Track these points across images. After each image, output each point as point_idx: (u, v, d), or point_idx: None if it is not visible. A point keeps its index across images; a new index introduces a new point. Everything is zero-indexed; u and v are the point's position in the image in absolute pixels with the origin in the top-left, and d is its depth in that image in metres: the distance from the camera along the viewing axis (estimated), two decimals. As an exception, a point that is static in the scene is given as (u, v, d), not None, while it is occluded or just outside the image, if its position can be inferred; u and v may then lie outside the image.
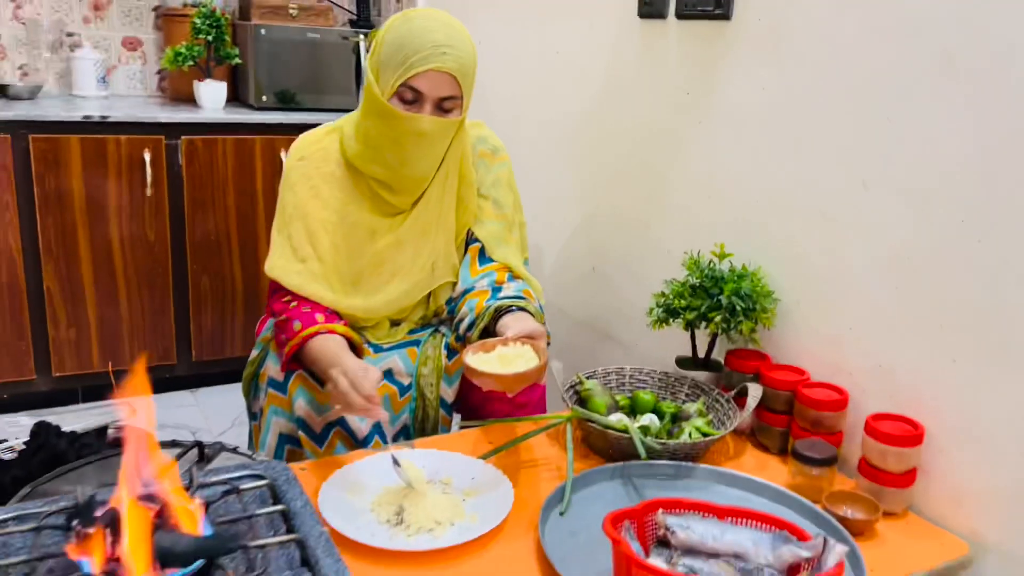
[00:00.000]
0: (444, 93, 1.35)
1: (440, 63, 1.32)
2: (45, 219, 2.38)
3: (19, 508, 0.90)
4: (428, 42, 1.32)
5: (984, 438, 1.19)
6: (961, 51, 1.16)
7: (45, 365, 2.49)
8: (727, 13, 1.52)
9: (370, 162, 1.43)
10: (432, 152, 1.41)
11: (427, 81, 1.33)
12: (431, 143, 1.39)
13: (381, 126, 1.38)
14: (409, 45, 1.32)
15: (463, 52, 1.35)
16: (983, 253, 1.16)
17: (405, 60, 1.32)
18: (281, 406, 1.42)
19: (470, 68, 1.37)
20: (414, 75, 1.33)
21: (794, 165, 1.44)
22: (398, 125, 1.36)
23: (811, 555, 0.97)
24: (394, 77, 1.34)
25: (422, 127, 1.36)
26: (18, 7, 2.74)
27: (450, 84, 1.35)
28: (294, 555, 0.86)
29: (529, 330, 1.31)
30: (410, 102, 1.36)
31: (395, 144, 1.38)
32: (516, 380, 1.22)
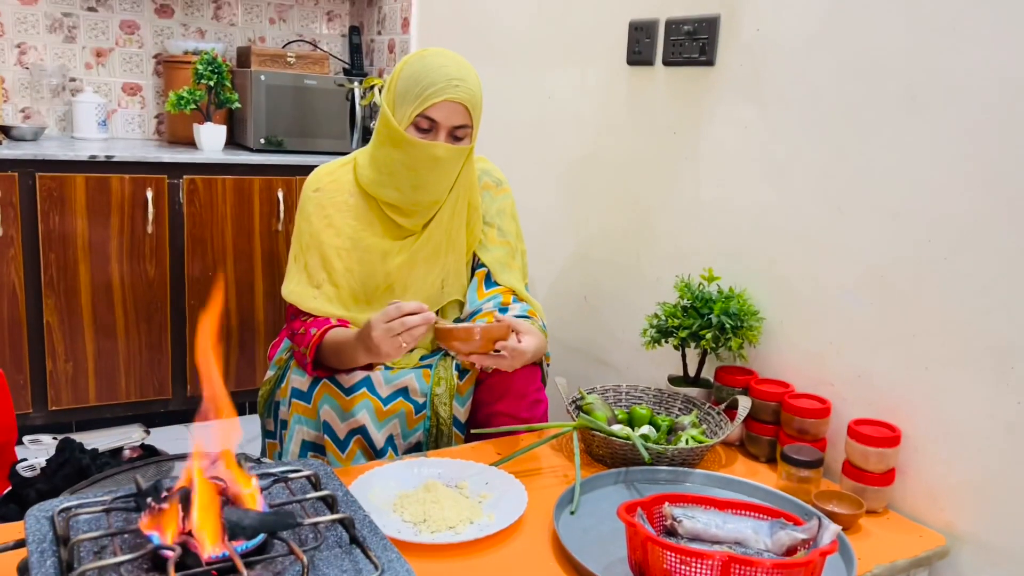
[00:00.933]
0: (457, 122, 1.48)
1: (454, 94, 1.45)
2: (48, 255, 2.45)
3: (81, 497, 0.97)
4: (443, 76, 1.45)
5: (956, 438, 1.30)
6: (922, 88, 1.31)
7: (42, 399, 2.52)
8: (711, 60, 1.66)
9: (383, 187, 1.54)
10: (445, 176, 1.53)
11: (442, 111, 1.46)
12: (444, 168, 1.50)
13: (397, 154, 1.50)
14: (425, 78, 1.45)
15: (473, 85, 1.49)
16: (948, 269, 1.29)
17: (422, 92, 1.45)
18: (305, 414, 1.49)
19: (479, 100, 1.51)
20: (430, 105, 1.45)
21: (775, 194, 1.57)
22: (415, 152, 1.48)
23: (807, 536, 1.07)
24: (411, 108, 1.47)
25: (437, 153, 1.48)
26: (23, 53, 2.83)
27: (462, 114, 1.48)
28: (342, 534, 0.93)
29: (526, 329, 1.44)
30: (425, 131, 1.48)
31: (410, 170, 1.50)
32: (483, 333, 1.37)
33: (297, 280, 1.57)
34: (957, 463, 1.30)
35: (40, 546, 0.86)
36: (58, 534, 0.88)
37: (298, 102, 2.85)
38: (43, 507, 0.94)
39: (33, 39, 2.84)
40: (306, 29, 3.30)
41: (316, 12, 3.30)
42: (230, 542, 0.84)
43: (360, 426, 1.47)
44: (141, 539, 0.87)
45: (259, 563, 0.86)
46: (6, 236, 2.38)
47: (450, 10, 2.67)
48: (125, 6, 2.97)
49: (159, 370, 2.68)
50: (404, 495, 1.27)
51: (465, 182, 1.59)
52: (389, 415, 1.51)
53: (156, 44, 3.03)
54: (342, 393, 1.48)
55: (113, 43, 2.97)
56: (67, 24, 2.89)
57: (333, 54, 3.30)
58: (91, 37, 2.93)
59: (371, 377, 1.51)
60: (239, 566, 0.80)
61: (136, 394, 2.66)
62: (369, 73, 3.23)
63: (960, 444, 1.30)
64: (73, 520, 0.92)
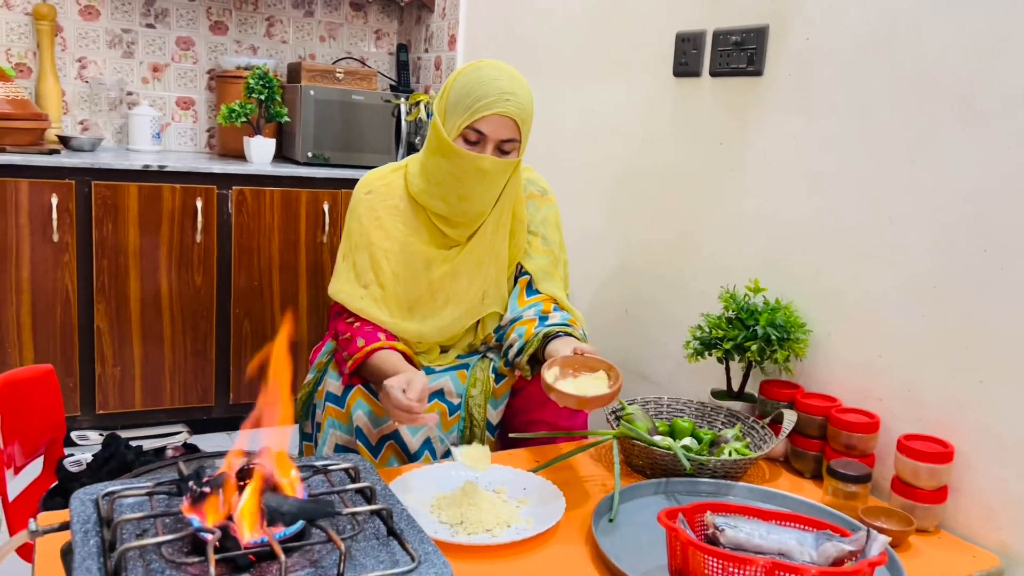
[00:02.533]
0: (505, 136, 1.48)
1: (504, 108, 1.45)
2: (100, 261, 2.51)
3: (125, 482, 0.98)
4: (495, 89, 1.45)
5: (1011, 454, 1.26)
6: (976, 95, 1.29)
7: (90, 402, 2.58)
8: (759, 70, 1.65)
9: (431, 198, 1.55)
10: (490, 189, 1.53)
11: (491, 124, 1.46)
12: (490, 181, 1.51)
13: (445, 164, 1.50)
14: (478, 91, 1.46)
15: (525, 100, 1.48)
16: (1005, 279, 1.25)
17: (473, 104, 1.45)
18: (339, 418, 1.50)
19: (529, 115, 1.50)
20: (480, 118, 1.45)
21: (822, 204, 1.55)
22: (461, 163, 1.48)
23: (854, 548, 1.03)
24: (461, 119, 1.47)
25: (484, 166, 1.48)
26: (83, 67, 2.93)
27: (511, 128, 1.48)
28: (379, 526, 0.93)
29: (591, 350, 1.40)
30: (473, 143, 1.48)
31: (457, 181, 1.50)
32: (595, 402, 1.29)
33: (345, 279, 1.58)
34: (1013, 481, 1.25)
35: (84, 526, 0.87)
36: (102, 516, 0.90)
37: (345, 117, 2.90)
38: (88, 491, 0.96)
39: (93, 54, 2.94)
40: (355, 47, 3.36)
41: (365, 30, 3.36)
42: (269, 528, 0.84)
43: (394, 431, 1.47)
44: (182, 522, 0.87)
45: (297, 550, 0.86)
46: (61, 242, 2.45)
47: (496, 27, 2.70)
48: (182, 23, 3.05)
49: (203, 377, 2.72)
50: (441, 497, 1.26)
51: (511, 194, 1.59)
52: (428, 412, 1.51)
53: (210, 60, 3.12)
54: (375, 399, 1.48)
55: (169, 59, 3.06)
56: (126, 40, 2.98)
57: (381, 71, 3.35)
58: (148, 53, 3.02)
59: None
60: (277, 551, 0.80)
61: (180, 400, 2.70)
62: (415, 90, 3.27)
63: (1016, 461, 1.25)
64: (117, 503, 0.93)
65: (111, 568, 0.79)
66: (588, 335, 1.63)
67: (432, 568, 0.85)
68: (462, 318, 1.60)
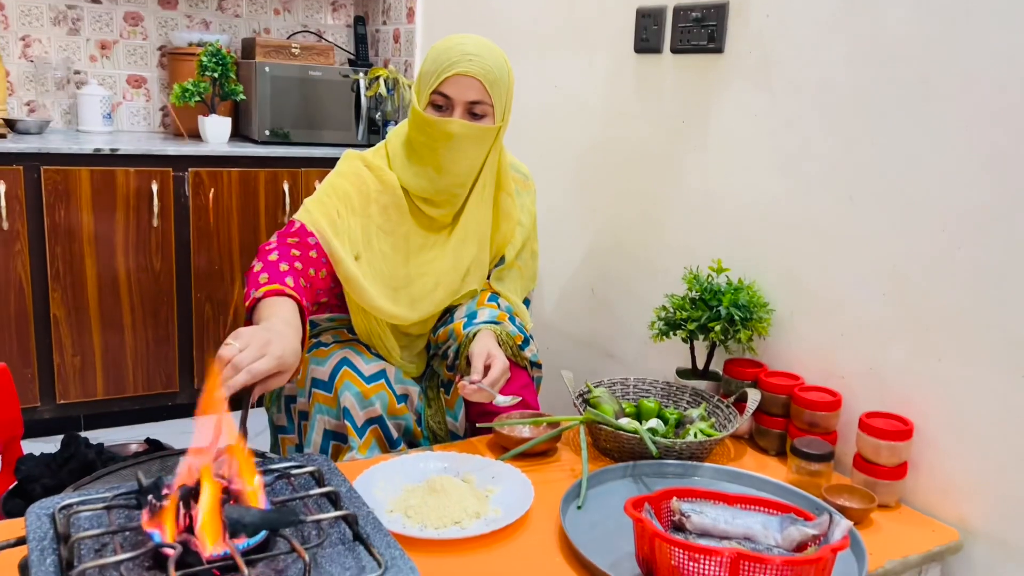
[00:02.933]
0: (472, 97, 1.46)
1: (466, 68, 1.43)
2: (54, 248, 2.44)
3: (83, 493, 0.96)
4: (458, 51, 1.45)
5: (969, 431, 1.28)
6: (935, 73, 1.29)
7: (49, 392, 2.53)
8: (720, 47, 1.64)
9: (414, 177, 1.53)
10: (465, 157, 1.50)
11: (454, 85, 1.44)
12: (461, 146, 1.48)
13: (420, 135, 1.49)
14: (442, 56, 1.45)
15: (490, 61, 1.46)
16: (963, 260, 1.27)
17: (437, 69, 1.45)
18: (326, 403, 1.49)
19: (499, 76, 1.47)
20: (443, 80, 1.44)
21: (785, 184, 1.55)
22: (431, 130, 1.47)
23: (817, 532, 1.05)
24: (428, 87, 1.46)
25: (452, 129, 1.46)
26: (27, 46, 2.82)
27: (477, 89, 1.45)
28: (346, 531, 0.92)
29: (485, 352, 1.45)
30: (441, 108, 1.47)
31: (431, 151, 1.49)
32: None
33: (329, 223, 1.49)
34: (971, 457, 1.28)
35: (40, 544, 0.85)
36: (59, 532, 0.87)
37: (303, 94, 2.84)
38: (44, 504, 0.94)
39: (37, 31, 2.83)
40: (311, 20, 3.28)
41: (321, 2, 3.28)
42: (231, 540, 0.83)
43: (378, 416, 1.47)
44: (142, 537, 0.86)
45: (261, 561, 0.85)
46: (12, 230, 2.38)
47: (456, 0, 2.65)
48: (129, -2, 2.95)
49: (166, 364, 2.68)
50: (410, 489, 1.26)
51: (492, 167, 1.58)
52: (400, 413, 1.51)
53: (160, 36, 3.02)
54: (363, 381, 1.48)
55: (117, 35, 2.96)
56: (71, 16, 2.87)
57: (338, 45, 3.27)
58: (95, 29, 2.92)
59: (386, 371, 1.51)
60: (240, 564, 0.79)
61: (144, 387, 2.66)
62: (374, 64, 3.21)
63: (974, 437, 1.28)
64: (74, 517, 0.91)
65: (69, 588, 0.77)
66: (555, 317, 1.64)
67: (399, 573, 0.84)
68: (443, 298, 1.59)
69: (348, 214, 1.52)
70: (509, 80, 1.51)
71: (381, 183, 1.54)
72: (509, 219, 1.65)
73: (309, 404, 1.52)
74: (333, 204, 1.51)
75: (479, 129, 1.48)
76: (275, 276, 1.35)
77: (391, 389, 1.51)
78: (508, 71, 1.51)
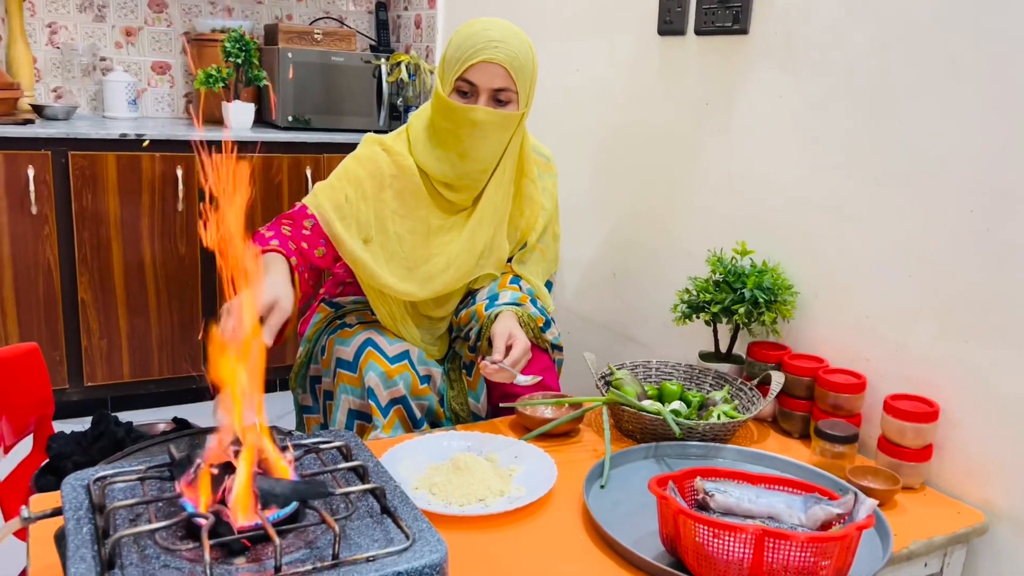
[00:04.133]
0: (497, 84, 1.46)
1: (491, 55, 1.43)
2: (81, 233, 2.48)
3: (117, 466, 0.98)
4: (483, 38, 1.44)
5: (996, 413, 1.27)
6: (964, 54, 1.27)
7: (77, 375, 2.57)
8: (744, 28, 1.63)
9: (436, 161, 1.53)
10: (488, 143, 1.51)
11: (480, 73, 1.44)
12: (485, 133, 1.49)
13: (443, 120, 1.50)
14: (467, 42, 1.45)
15: (515, 47, 1.46)
16: (990, 240, 1.26)
17: (462, 55, 1.45)
18: (351, 383, 1.50)
19: (524, 63, 1.47)
20: (468, 67, 1.44)
21: (810, 165, 1.54)
22: (455, 116, 1.47)
23: (842, 511, 1.05)
24: (452, 73, 1.46)
25: (477, 116, 1.46)
26: (54, 32, 2.85)
27: (502, 76, 1.45)
28: (373, 504, 0.93)
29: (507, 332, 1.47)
30: (466, 94, 1.47)
31: (454, 136, 1.49)
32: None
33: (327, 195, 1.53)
34: (997, 439, 1.27)
35: (76, 513, 0.87)
36: (94, 502, 0.89)
37: (325, 79, 2.85)
38: (79, 476, 0.95)
39: (63, 19, 2.86)
40: (332, 6, 3.28)
41: (343, -11, 3.29)
42: (262, 511, 0.84)
43: (402, 396, 1.49)
44: (175, 507, 0.87)
45: (291, 532, 0.86)
46: (40, 214, 2.41)
47: (477, -16, 2.64)
48: (153, -15, 2.98)
49: (191, 347, 2.71)
50: (434, 468, 1.27)
51: (513, 153, 1.57)
52: (424, 393, 1.52)
53: (184, 23, 3.04)
54: (387, 361, 1.49)
55: (142, 22, 2.98)
56: (97, 3, 2.90)
57: (360, 31, 3.28)
58: (120, 16, 2.95)
59: (409, 352, 1.52)
60: (271, 534, 0.80)
61: (169, 370, 2.69)
62: (396, 49, 3.21)
63: (1000, 419, 1.27)
64: (109, 488, 0.93)
65: (105, 556, 0.79)
66: (574, 301, 1.64)
67: (426, 545, 0.85)
68: (455, 279, 1.59)
69: (359, 199, 1.53)
70: (534, 66, 1.51)
71: (398, 168, 1.55)
72: (532, 204, 1.66)
73: (334, 384, 1.54)
74: (343, 189, 1.52)
75: (503, 116, 1.48)
76: (261, 242, 1.44)
77: (414, 370, 1.53)
78: (533, 57, 1.51)
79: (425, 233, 1.57)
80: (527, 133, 1.62)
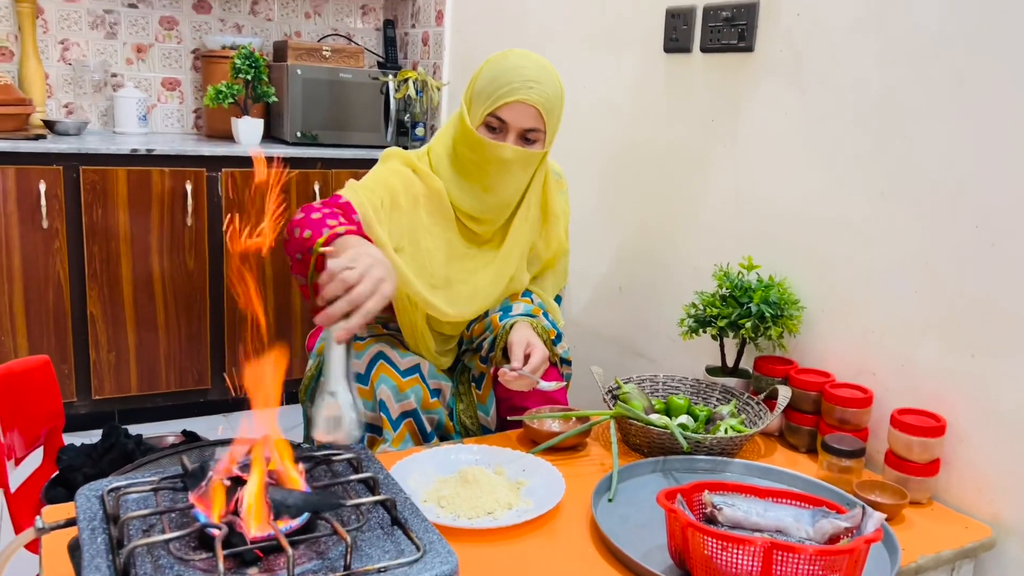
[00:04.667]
0: (528, 125, 1.46)
1: (526, 96, 1.43)
2: (91, 247, 2.50)
3: (130, 477, 0.99)
4: (518, 76, 1.43)
5: (1003, 427, 1.28)
6: (969, 71, 1.29)
7: (86, 388, 2.58)
8: (750, 46, 1.64)
9: (460, 192, 1.53)
10: (514, 180, 1.52)
11: (512, 112, 1.44)
12: (512, 172, 1.49)
13: (469, 152, 1.50)
14: (501, 78, 1.44)
15: (550, 89, 1.46)
16: (996, 255, 1.27)
17: (495, 91, 1.44)
18: (362, 396, 1.51)
19: (555, 104, 1.48)
20: (501, 105, 1.44)
21: (816, 181, 1.55)
22: (483, 151, 1.47)
23: (850, 525, 1.05)
24: (483, 107, 1.46)
25: (505, 155, 1.46)
26: (66, 49, 2.89)
27: (534, 117, 1.45)
28: (384, 516, 0.94)
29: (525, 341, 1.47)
30: (495, 130, 1.47)
31: (480, 170, 1.50)
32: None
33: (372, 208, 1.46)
34: (1004, 453, 1.28)
35: (91, 524, 0.88)
36: (108, 512, 0.90)
37: (333, 96, 2.88)
38: (93, 487, 0.96)
39: (76, 36, 2.90)
40: (341, 23, 3.32)
41: (351, 6, 3.32)
42: (275, 521, 0.85)
43: (412, 409, 1.49)
44: (188, 517, 0.88)
45: (303, 542, 0.87)
46: (51, 228, 2.43)
47: (485, 2, 2.67)
48: (164, 2, 3.01)
49: (198, 361, 2.72)
50: (442, 480, 1.28)
51: (537, 188, 1.58)
52: (434, 407, 1.53)
53: (194, 39, 3.08)
54: (398, 374, 1.50)
55: (153, 39, 3.02)
56: (108, 20, 2.94)
57: (368, 48, 3.32)
58: (131, 33, 2.98)
59: (420, 365, 1.53)
60: (284, 544, 0.81)
61: (176, 384, 2.70)
62: (403, 66, 3.24)
63: (1007, 434, 1.27)
64: (122, 499, 0.94)
65: (120, 565, 0.80)
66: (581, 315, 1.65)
67: (437, 557, 0.86)
68: (479, 308, 1.60)
69: (392, 209, 1.51)
70: (562, 105, 1.51)
71: (428, 189, 1.54)
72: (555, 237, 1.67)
73: None
74: (379, 194, 1.49)
75: (529, 155, 1.49)
76: (347, 220, 1.29)
77: (425, 383, 1.53)
78: (563, 96, 1.51)
79: (449, 255, 1.57)
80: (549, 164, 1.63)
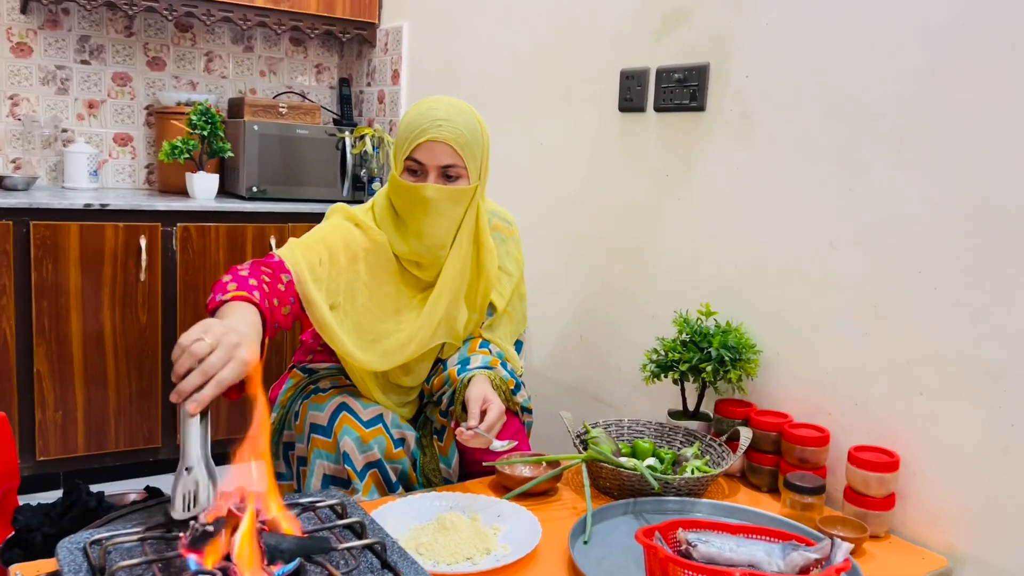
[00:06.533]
0: (444, 162, 1.51)
1: (436, 134, 1.49)
2: (40, 303, 2.44)
3: (111, 528, 0.97)
4: (428, 118, 1.50)
5: (953, 461, 1.35)
6: (906, 128, 1.39)
7: (30, 449, 2.49)
8: (702, 105, 1.74)
9: (398, 240, 1.57)
10: (444, 219, 1.55)
11: (426, 152, 1.50)
12: (439, 209, 1.54)
13: (398, 199, 1.55)
14: (414, 123, 1.52)
15: (461, 124, 1.52)
16: (939, 298, 1.36)
17: (409, 135, 1.51)
18: (326, 448, 1.50)
19: (470, 139, 1.53)
20: (415, 147, 1.50)
21: (768, 232, 1.64)
22: (407, 195, 1.53)
23: (820, 556, 1.10)
24: (402, 153, 1.53)
25: (427, 194, 1.51)
26: (15, 104, 2.86)
27: (449, 153, 1.51)
28: (373, 560, 0.95)
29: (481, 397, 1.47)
30: (415, 173, 1.53)
31: (410, 215, 1.54)
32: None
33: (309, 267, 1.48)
34: (956, 486, 1.35)
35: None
36: (93, 564, 0.89)
37: (290, 151, 2.90)
38: (73, 540, 0.95)
39: (26, 91, 2.87)
40: (295, 82, 3.36)
41: (305, 64, 3.38)
42: (268, 566, 0.86)
43: (377, 459, 1.49)
44: (178, 566, 0.88)
45: (297, 587, 0.87)
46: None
47: (440, 61, 2.75)
48: (118, 59, 3.01)
49: (149, 419, 2.66)
50: (418, 528, 1.28)
51: (469, 226, 1.61)
52: (398, 457, 1.53)
53: (148, 95, 3.08)
54: (362, 425, 1.50)
55: (105, 95, 3.01)
56: (60, 76, 2.93)
57: (323, 105, 3.36)
58: (84, 89, 2.97)
59: (383, 415, 1.53)
60: (280, 589, 0.81)
61: (126, 443, 2.63)
62: (359, 123, 3.30)
63: (958, 467, 1.34)
64: (109, 550, 0.92)
65: (113, 615, 0.79)
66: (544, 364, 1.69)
67: (430, 597, 0.87)
68: (414, 351, 1.60)
69: (330, 265, 1.53)
70: (483, 140, 1.56)
71: (371, 242, 1.58)
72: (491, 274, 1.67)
73: (308, 450, 1.54)
74: (317, 252, 1.52)
75: (454, 191, 1.54)
76: (243, 286, 1.32)
77: (388, 434, 1.54)
78: (481, 131, 1.56)
79: (392, 309, 1.59)
80: (483, 203, 1.65)
